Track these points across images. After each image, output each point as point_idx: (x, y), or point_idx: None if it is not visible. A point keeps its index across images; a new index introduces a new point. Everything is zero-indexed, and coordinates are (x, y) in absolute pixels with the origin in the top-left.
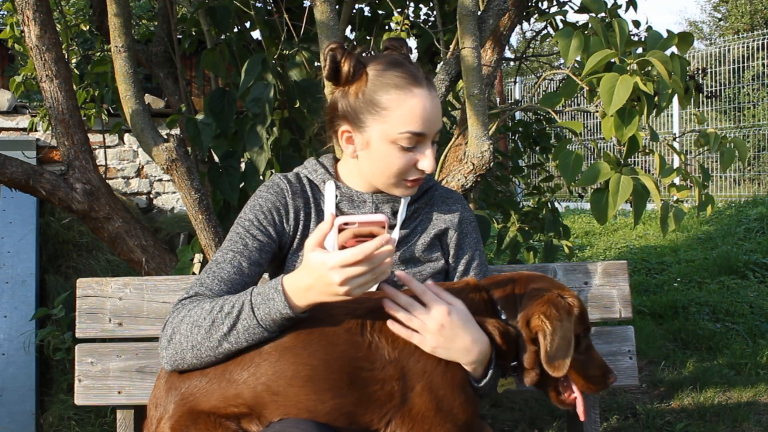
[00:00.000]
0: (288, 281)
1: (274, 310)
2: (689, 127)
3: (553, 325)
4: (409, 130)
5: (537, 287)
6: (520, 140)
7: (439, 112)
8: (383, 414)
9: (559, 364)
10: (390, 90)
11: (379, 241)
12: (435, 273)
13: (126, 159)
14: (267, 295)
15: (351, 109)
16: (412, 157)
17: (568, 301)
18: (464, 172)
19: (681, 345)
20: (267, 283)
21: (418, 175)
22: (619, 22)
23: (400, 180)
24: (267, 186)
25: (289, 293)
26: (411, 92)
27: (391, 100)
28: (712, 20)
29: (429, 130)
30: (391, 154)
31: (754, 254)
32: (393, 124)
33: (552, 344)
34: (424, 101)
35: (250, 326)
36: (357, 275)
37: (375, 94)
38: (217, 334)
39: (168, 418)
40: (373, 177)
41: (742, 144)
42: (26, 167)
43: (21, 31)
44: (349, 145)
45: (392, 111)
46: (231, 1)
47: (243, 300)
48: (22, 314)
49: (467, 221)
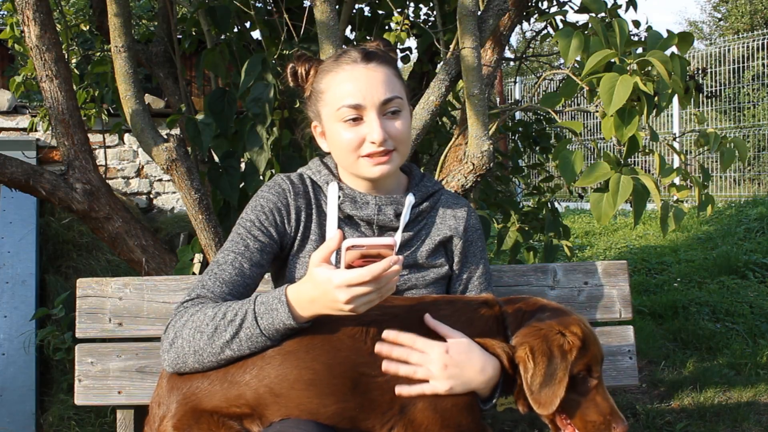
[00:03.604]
0: (292, 292)
1: (277, 321)
2: (689, 127)
3: (536, 360)
4: (343, 103)
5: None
6: (520, 140)
7: (381, 83)
8: (385, 420)
9: (544, 402)
10: (326, 74)
11: (387, 263)
12: (438, 279)
13: (126, 159)
14: (270, 305)
15: (310, 104)
16: (359, 131)
17: (568, 339)
18: (464, 172)
19: (681, 345)
20: (270, 293)
21: (373, 148)
22: (619, 22)
23: (358, 157)
24: (269, 186)
25: (293, 304)
26: (341, 69)
27: (326, 82)
28: (712, 20)
29: (365, 100)
30: (339, 132)
31: (754, 254)
32: (331, 103)
33: (533, 379)
34: (354, 74)
35: (253, 335)
36: (363, 294)
37: (318, 84)
38: (220, 341)
39: (171, 417)
40: (341, 163)
41: (742, 144)
42: (26, 167)
43: (21, 31)
44: (322, 140)
45: (327, 92)
46: (231, 1)
47: (246, 309)
48: (22, 314)
49: (473, 229)
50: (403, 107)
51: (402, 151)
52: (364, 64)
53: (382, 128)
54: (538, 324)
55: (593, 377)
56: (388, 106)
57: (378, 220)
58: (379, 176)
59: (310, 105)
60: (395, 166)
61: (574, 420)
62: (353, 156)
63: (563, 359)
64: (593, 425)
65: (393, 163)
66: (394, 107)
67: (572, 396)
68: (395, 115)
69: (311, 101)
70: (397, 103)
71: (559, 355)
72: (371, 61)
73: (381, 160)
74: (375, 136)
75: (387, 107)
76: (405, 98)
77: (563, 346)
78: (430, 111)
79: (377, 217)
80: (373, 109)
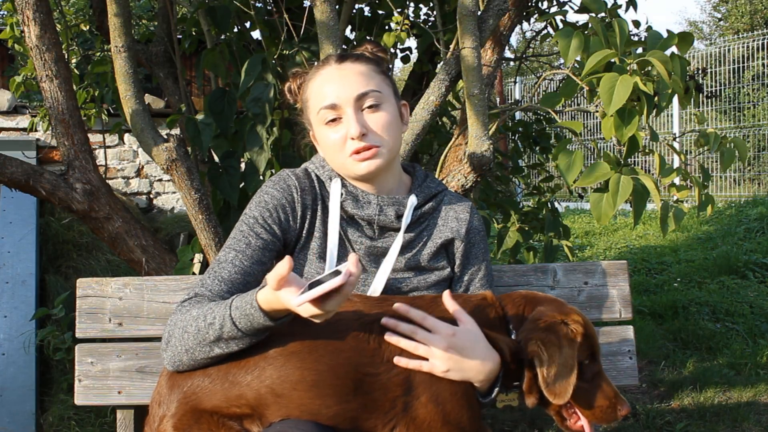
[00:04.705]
0: (263, 300)
1: (255, 323)
2: (689, 127)
3: (550, 351)
4: (320, 106)
5: (542, 309)
6: (520, 140)
7: (352, 80)
8: (387, 420)
9: (559, 392)
10: (308, 83)
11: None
12: (440, 281)
13: (126, 159)
14: (244, 310)
15: (303, 115)
16: (340, 129)
17: (571, 327)
18: (464, 172)
19: (681, 345)
20: (242, 297)
21: (356, 144)
22: (619, 22)
23: (345, 157)
24: (274, 182)
25: (266, 309)
26: (318, 75)
27: (309, 90)
28: (712, 20)
29: (339, 98)
30: (325, 135)
31: (754, 254)
32: (313, 109)
33: (549, 371)
34: (327, 76)
35: (236, 336)
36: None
37: (303, 93)
38: (206, 341)
39: (171, 416)
40: (334, 166)
41: (742, 144)
42: (26, 167)
43: (21, 31)
44: (317, 144)
45: (310, 99)
46: (231, 1)
47: (224, 314)
48: (22, 314)
49: (475, 231)
50: (382, 100)
51: (389, 145)
52: (338, 65)
53: (358, 122)
54: (541, 316)
55: (596, 363)
56: (364, 100)
57: (379, 221)
58: (367, 173)
59: (303, 116)
60: (384, 162)
61: (583, 407)
62: (341, 156)
63: (571, 348)
64: (600, 410)
65: (381, 158)
66: (371, 101)
67: (580, 384)
68: (374, 108)
69: (303, 112)
70: (375, 97)
71: (567, 344)
72: (344, 61)
73: (366, 155)
74: (352, 131)
75: (363, 102)
76: (387, 92)
77: (568, 335)
78: (430, 111)
79: (378, 217)
80: (348, 106)
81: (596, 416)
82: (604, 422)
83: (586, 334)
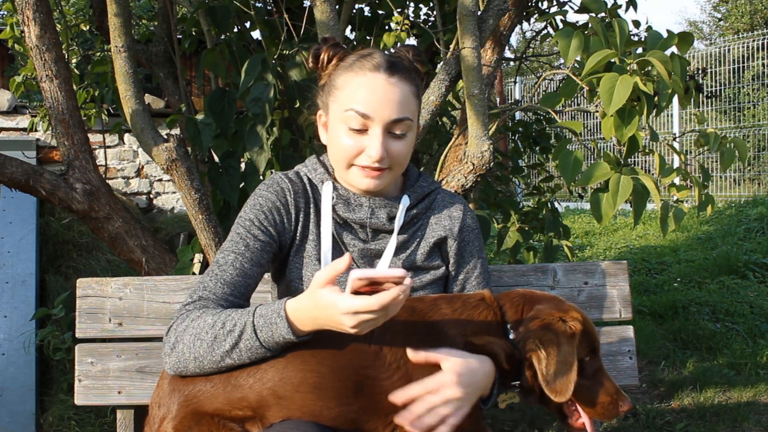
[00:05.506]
0: (292, 309)
1: (277, 335)
2: (689, 127)
3: (547, 350)
4: (353, 107)
5: (540, 308)
6: (520, 140)
7: (396, 102)
8: (388, 422)
9: (560, 389)
10: (346, 72)
11: (396, 293)
12: (436, 279)
13: (126, 159)
14: (269, 318)
15: (322, 93)
16: (360, 140)
17: (570, 324)
18: (464, 172)
19: (681, 345)
20: (270, 306)
21: (368, 162)
22: (619, 22)
23: (351, 165)
24: (267, 185)
25: (293, 320)
26: (363, 74)
27: (344, 81)
28: (712, 20)
29: (375, 113)
30: (340, 134)
31: (754, 254)
32: (341, 103)
33: (548, 369)
34: (374, 84)
35: (252, 346)
36: (369, 320)
37: (335, 77)
38: (220, 350)
39: (171, 418)
40: (334, 163)
41: (742, 144)
42: (26, 167)
43: (21, 31)
44: (323, 131)
45: (342, 90)
46: (231, 1)
47: (245, 321)
48: (22, 314)
49: (468, 229)
50: (410, 129)
51: (396, 171)
52: (386, 75)
53: (382, 146)
54: (539, 315)
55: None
56: (396, 126)
57: (371, 223)
58: (366, 189)
59: (321, 94)
60: (385, 183)
61: (584, 403)
62: (347, 162)
63: (570, 344)
64: (602, 406)
65: (383, 179)
66: (401, 130)
67: (581, 381)
68: (401, 137)
69: (324, 91)
70: (406, 125)
71: (566, 341)
72: (394, 75)
73: (372, 175)
74: (374, 153)
75: (394, 127)
76: (415, 118)
77: (567, 332)
78: (430, 111)
79: (370, 220)
80: (379, 125)
81: (598, 413)
82: (606, 418)
83: (585, 331)
